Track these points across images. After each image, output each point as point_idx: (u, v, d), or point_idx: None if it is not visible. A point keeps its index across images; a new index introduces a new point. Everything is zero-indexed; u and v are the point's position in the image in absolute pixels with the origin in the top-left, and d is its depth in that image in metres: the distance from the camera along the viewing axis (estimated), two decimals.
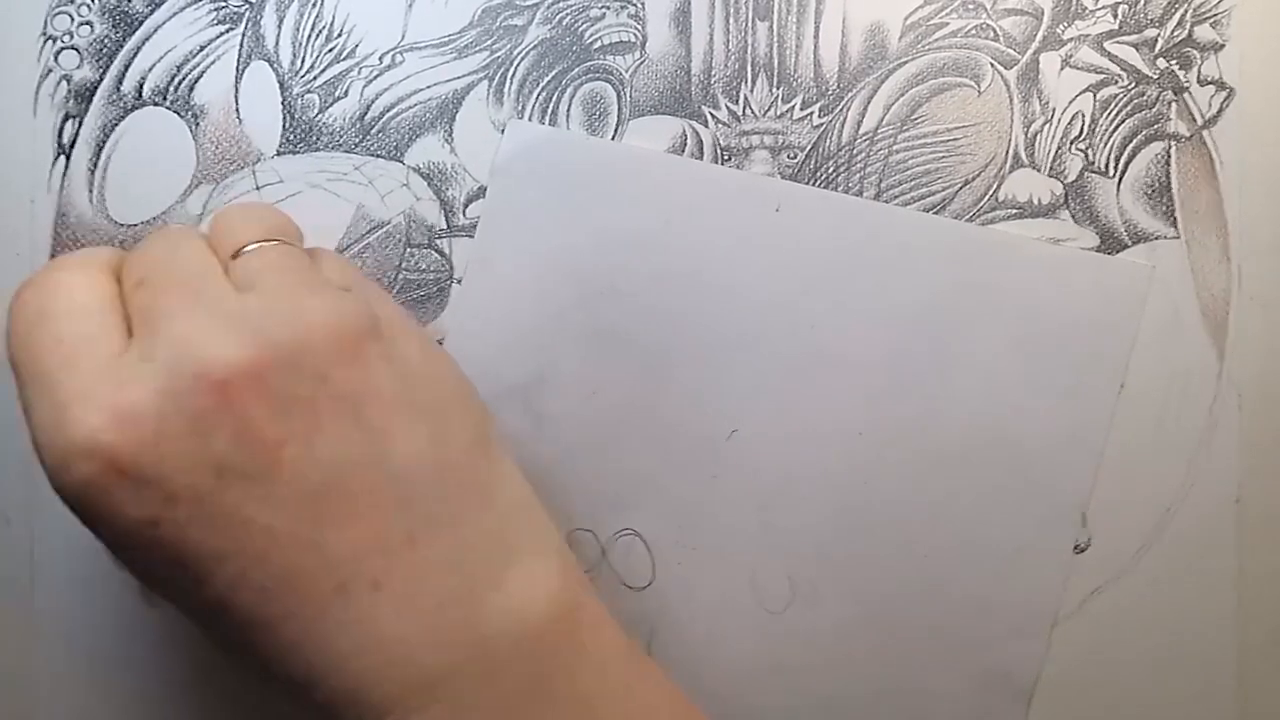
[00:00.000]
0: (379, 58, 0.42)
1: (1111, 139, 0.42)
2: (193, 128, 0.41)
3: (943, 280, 0.41)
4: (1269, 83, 0.42)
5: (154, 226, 0.41)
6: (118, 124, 0.41)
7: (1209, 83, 0.42)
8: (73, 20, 0.41)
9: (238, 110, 0.41)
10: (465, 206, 0.42)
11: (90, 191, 0.41)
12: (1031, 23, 0.42)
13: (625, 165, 0.42)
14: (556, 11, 0.42)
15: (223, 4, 0.41)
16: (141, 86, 0.41)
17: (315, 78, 0.42)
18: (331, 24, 0.42)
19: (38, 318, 0.30)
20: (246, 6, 0.41)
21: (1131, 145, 0.42)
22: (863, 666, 0.41)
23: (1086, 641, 0.41)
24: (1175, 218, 0.42)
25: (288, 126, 0.41)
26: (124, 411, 0.28)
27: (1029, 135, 0.42)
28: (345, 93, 0.42)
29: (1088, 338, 0.41)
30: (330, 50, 0.42)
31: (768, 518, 0.41)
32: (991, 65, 0.42)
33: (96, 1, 0.41)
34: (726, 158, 0.42)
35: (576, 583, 0.33)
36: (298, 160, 0.41)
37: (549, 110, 0.42)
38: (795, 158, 0.42)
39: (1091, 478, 0.41)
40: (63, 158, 0.41)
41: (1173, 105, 0.42)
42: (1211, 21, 0.42)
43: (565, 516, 0.41)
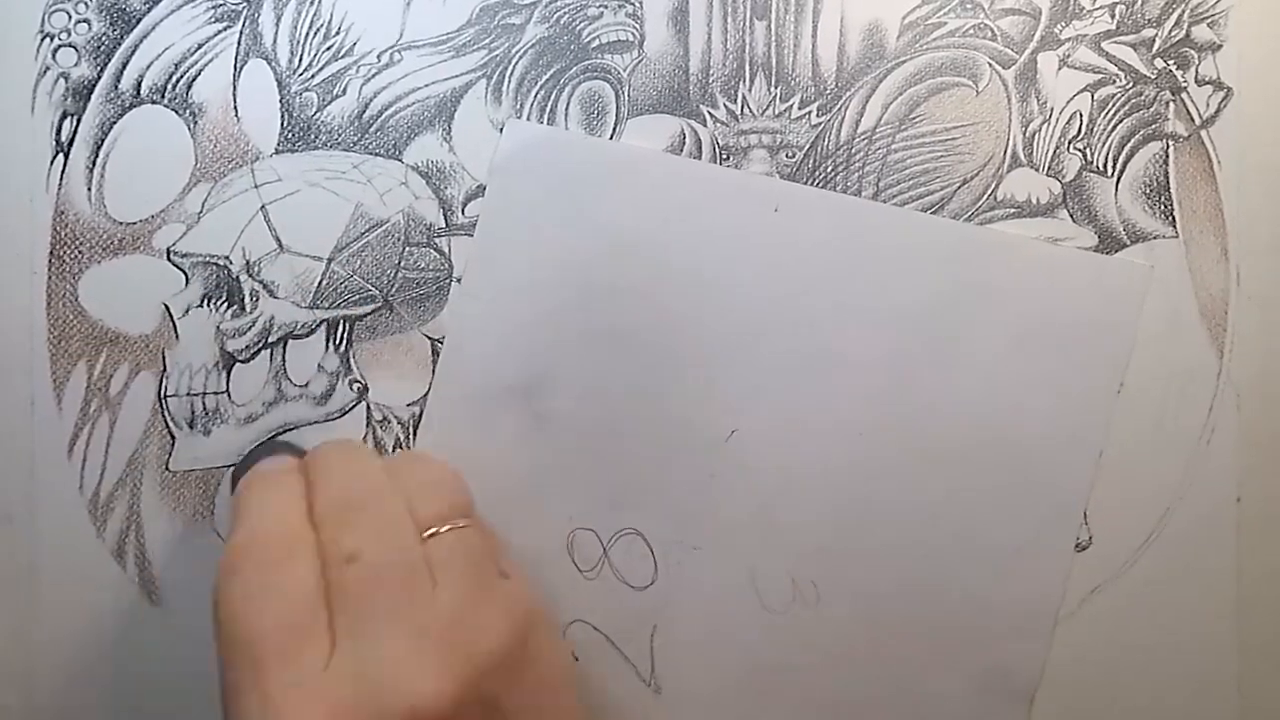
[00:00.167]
0: (377, 56, 0.41)
1: (1110, 139, 0.42)
2: (191, 126, 0.41)
3: (941, 280, 0.41)
4: (1267, 83, 0.42)
5: (152, 222, 0.41)
6: (116, 122, 0.41)
7: (1207, 83, 0.42)
8: (70, 17, 0.41)
9: (236, 108, 0.41)
10: (464, 205, 0.42)
11: (89, 189, 0.41)
12: (1029, 22, 0.42)
13: (623, 164, 0.42)
14: (554, 10, 0.42)
15: (220, 2, 0.41)
16: (140, 84, 0.41)
17: (313, 76, 0.41)
18: (330, 22, 0.42)
19: (256, 599, 0.32)
20: (244, 4, 0.41)
21: (1130, 145, 0.42)
22: (863, 665, 0.41)
23: (1087, 640, 0.41)
24: (1174, 217, 0.42)
25: (286, 125, 0.41)
26: None
27: (1027, 135, 0.42)
28: (343, 91, 0.41)
29: (1086, 337, 0.41)
30: (328, 48, 0.41)
31: (768, 517, 0.41)
32: (989, 65, 0.42)
33: None
34: (725, 157, 0.42)
35: None
36: (296, 159, 0.41)
37: (547, 109, 0.42)
38: (793, 157, 0.42)
39: (1091, 477, 0.41)
40: (61, 156, 0.41)
41: (1171, 105, 0.42)
42: (1209, 22, 0.42)
43: (566, 516, 0.41)
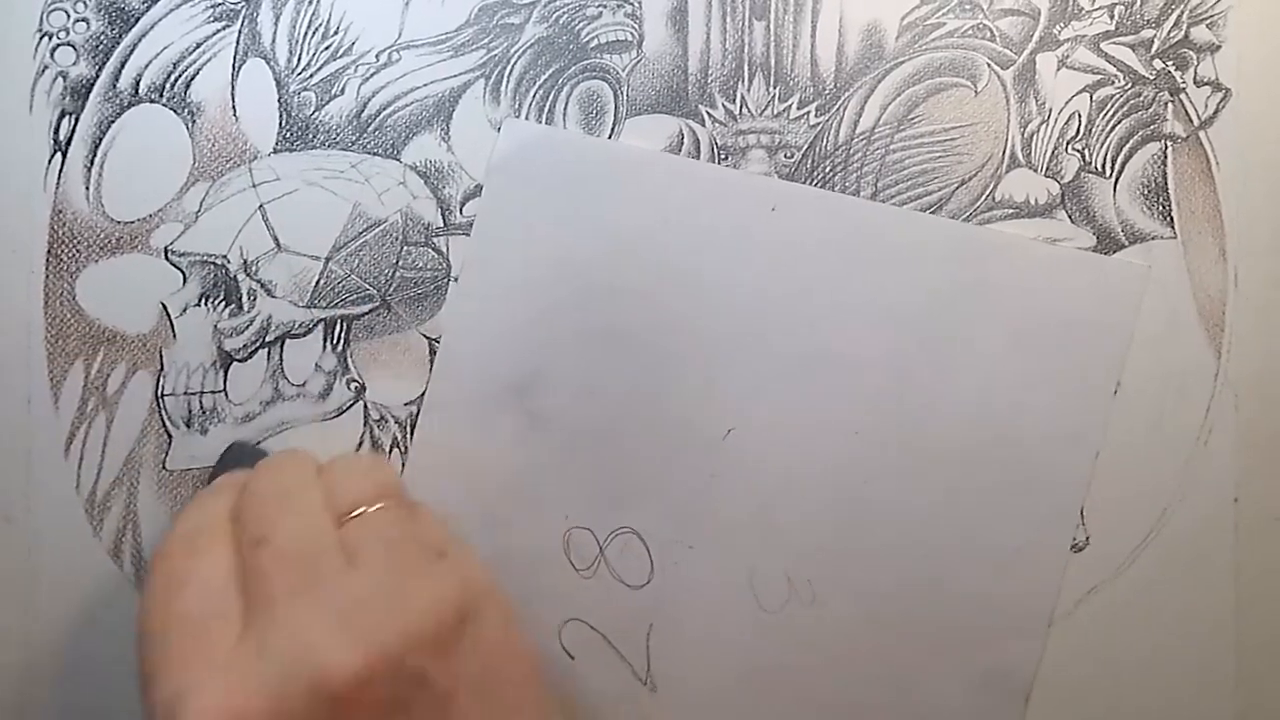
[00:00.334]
0: (376, 55, 0.42)
1: (1108, 139, 0.42)
2: (189, 125, 0.41)
3: (940, 280, 0.41)
4: (1266, 84, 0.42)
5: (150, 221, 0.41)
6: (114, 121, 0.41)
7: (1205, 83, 0.42)
8: (69, 16, 0.41)
9: (234, 107, 0.41)
10: (462, 205, 0.42)
11: (87, 188, 0.41)
12: (1028, 23, 0.42)
13: (622, 164, 0.42)
14: (553, 10, 0.42)
15: (219, 1, 0.41)
16: (138, 83, 0.41)
17: (312, 75, 0.41)
18: (328, 21, 0.42)
19: (176, 582, 0.33)
20: (243, 3, 0.41)
21: (1128, 146, 0.42)
22: (860, 664, 0.41)
23: (1084, 640, 0.41)
24: (1172, 218, 0.42)
25: (284, 124, 0.41)
26: (240, 712, 0.29)
27: (1026, 135, 0.42)
28: (342, 90, 0.41)
29: (1084, 337, 0.41)
30: (327, 48, 0.42)
31: (765, 516, 0.41)
32: (988, 65, 0.42)
33: None
34: (723, 157, 0.42)
35: None
36: (294, 158, 0.41)
37: (546, 108, 0.42)
38: (792, 157, 0.42)
39: (1088, 477, 0.41)
40: (59, 155, 0.41)
41: (1169, 106, 0.42)
42: (1208, 23, 0.42)
43: (563, 515, 0.41)
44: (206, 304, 0.41)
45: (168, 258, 0.41)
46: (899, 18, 0.42)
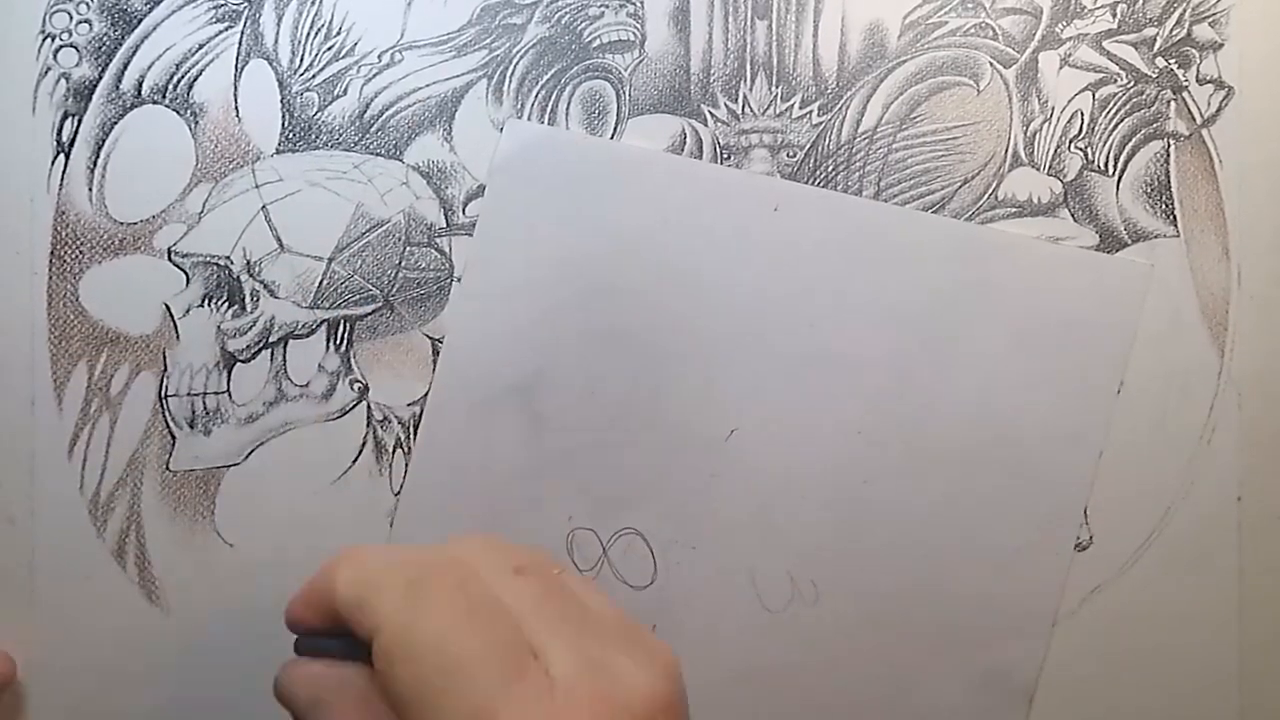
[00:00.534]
0: (378, 56, 0.42)
1: (1111, 138, 0.42)
2: (192, 126, 0.41)
3: (942, 279, 0.41)
4: (1268, 82, 0.42)
5: (153, 222, 0.41)
6: (117, 122, 0.41)
7: (1208, 81, 0.42)
8: (71, 18, 0.41)
9: (237, 108, 0.41)
10: (465, 205, 0.42)
11: (90, 189, 0.41)
12: (1030, 21, 0.42)
13: (624, 164, 0.42)
14: (555, 10, 0.42)
15: (221, 2, 0.41)
16: (141, 84, 0.41)
17: (314, 76, 0.41)
18: (330, 22, 0.42)
19: (462, 618, 0.30)
20: (245, 4, 0.41)
21: (1131, 144, 0.42)
22: (863, 664, 0.41)
23: (1088, 639, 0.41)
24: (1175, 216, 0.42)
25: (287, 125, 0.41)
26: None
27: (1028, 134, 0.42)
28: (344, 91, 0.41)
29: (1087, 336, 0.41)
30: (329, 48, 0.42)
31: (768, 517, 0.41)
32: (990, 64, 0.42)
33: None
34: (726, 156, 0.42)
35: None
36: (297, 159, 0.41)
37: (548, 108, 0.42)
38: (794, 156, 0.42)
39: (1091, 476, 0.41)
40: (62, 156, 0.41)
41: (1172, 104, 0.42)
42: (1210, 21, 0.42)
43: (566, 515, 0.41)
44: (210, 305, 0.41)
45: (171, 259, 0.41)
46: (901, 16, 0.42)
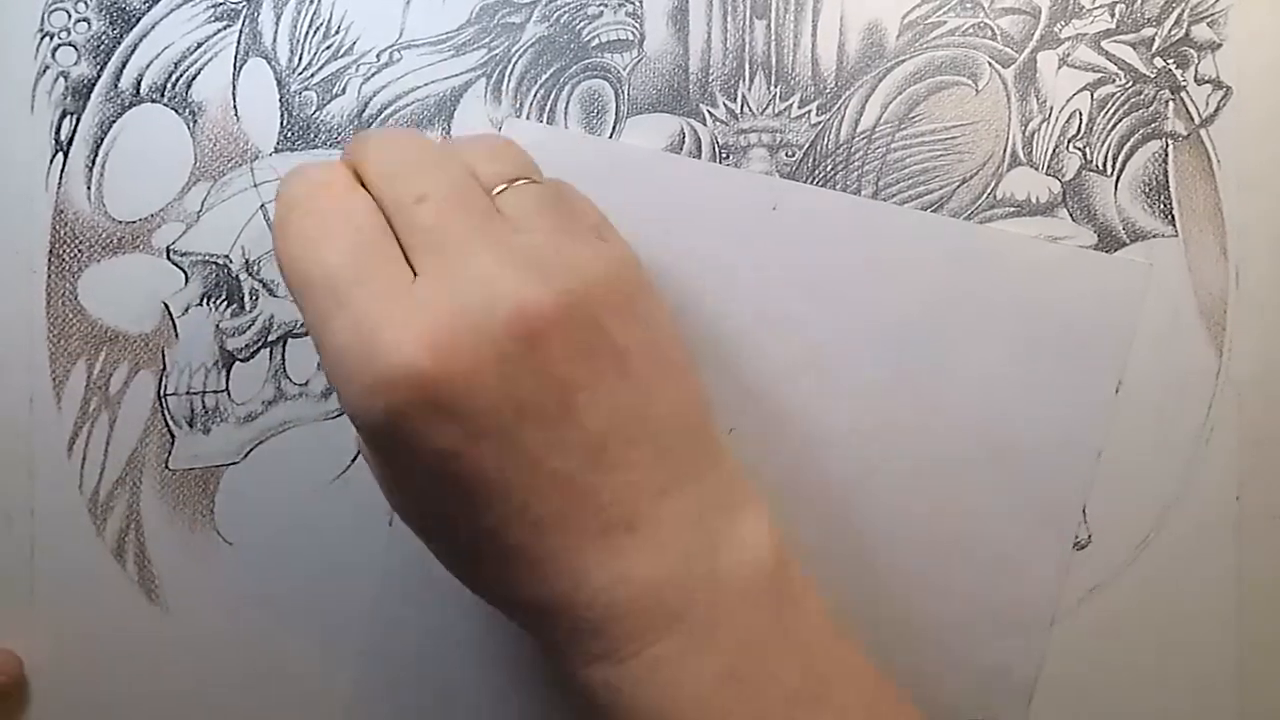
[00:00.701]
0: (377, 55, 0.42)
1: (1109, 137, 0.42)
2: (190, 125, 0.41)
3: (941, 279, 0.41)
4: (1266, 82, 0.42)
5: (151, 221, 0.41)
6: (115, 121, 0.41)
7: (1206, 81, 0.42)
8: (70, 16, 0.41)
9: (235, 107, 0.41)
10: None
11: (88, 188, 0.41)
12: (1029, 21, 0.42)
13: (623, 163, 0.42)
14: (554, 9, 0.42)
15: (220, 1, 0.41)
16: (139, 83, 0.41)
17: (313, 75, 0.42)
18: (329, 21, 0.42)
19: (321, 235, 0.31)
20: (244, 3, 0.41)
21: (1129, 144, 0.42)
22: None
23: (1086, 639, 0.41)
24: (1173, 216, 0.42)
25: (285, 124, 0.41)
26: (442, 343, 0.28)
27: (1027, 134, 0.42)
28: (343, 90, 0.41)
29: (1086, 336, 0.41)
30: (328, 47, 0.42)
31: None
32: (989, 64, 0.42)
33: None
34: (724, 156, 0.42)
35: (782, 540, 0.34)
36: (295, 157, 0.41)
37: (547, 108, 0.42)
38: (793, 156, 0.42)
39: (1090, 475, 0.41)
40: (60, 154, 0.41)
41: (1170, 104, 0.42)
42: (1209, 21, 0.42)
43: None
44: (208, 303, 0.41)
45: (169, 257, 0.41)
46: (900, 16, 0.42)
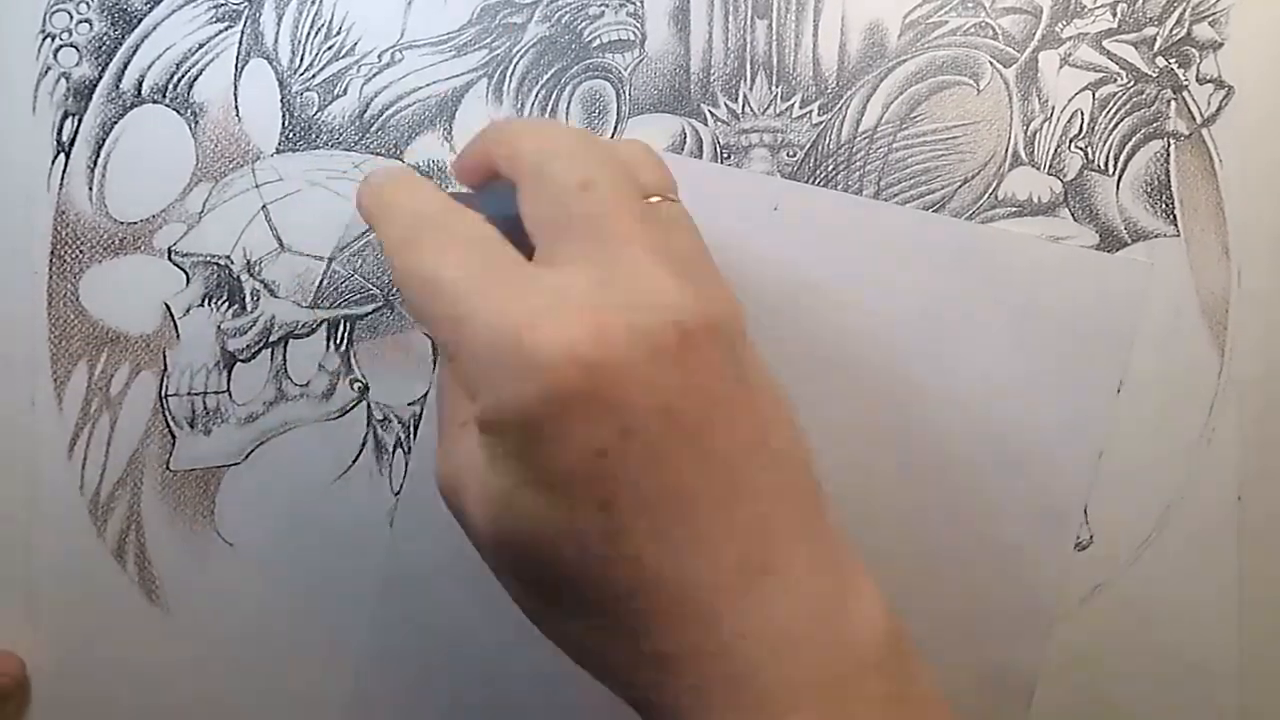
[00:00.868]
0: (378, 55, 0.42)
1: (1111, 137, 0.42)
2: (192, 125, 0.41)
3: (942, 278, 0.41)
4: (1268, 81, 0.42)
5: (153, 222, 0.41)
6: (117, 122, 0.41)
7: (1208, 81, 0.42)
8: (71, 18, 0.41)
9: (237, 108, 0.41)
10: None
11: (90, 189, 0.41)
12: (1030, 21, 0.42)
13: None
14: (555, 9, 0.42)
15: (221, 2, 0.41)
16: (141, 84, 0.41)
17: (314, 75, 0.42)
18: (330, 22, 0.42)
19: (443, 243, 0.30)
20: (246, 4, 0.41)
21: (1131, 143, 0.42)
22: None
23: (1087, 639, 0.41)
24: (1175, 215, 0.42)
25: (287, 124, 0.41)
26: (605, 329, 0.27)
27: (1028, 133, 0.42)
28: (344, 90, 0.41)
29: (1087, 335, 0.41)
30: (329, 48, 0.42)
31: None
32: (990, 63, 0.42)
33: None
34: (726, 156, 0.42)
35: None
36: (297, 158, 0.41)
37: (548, 108, 0.42)
38: (794, 156, 0.42)
39: (1091, 475, 0.41)
40: (62, 155, 0.41)
41: (1172, 103, 0.42)
42: (1210, 20, 0.42)
43: None
44: (210, 304, 0.41)
45: (171, 258, 0.41)
46: (901, 16, 0.42)
